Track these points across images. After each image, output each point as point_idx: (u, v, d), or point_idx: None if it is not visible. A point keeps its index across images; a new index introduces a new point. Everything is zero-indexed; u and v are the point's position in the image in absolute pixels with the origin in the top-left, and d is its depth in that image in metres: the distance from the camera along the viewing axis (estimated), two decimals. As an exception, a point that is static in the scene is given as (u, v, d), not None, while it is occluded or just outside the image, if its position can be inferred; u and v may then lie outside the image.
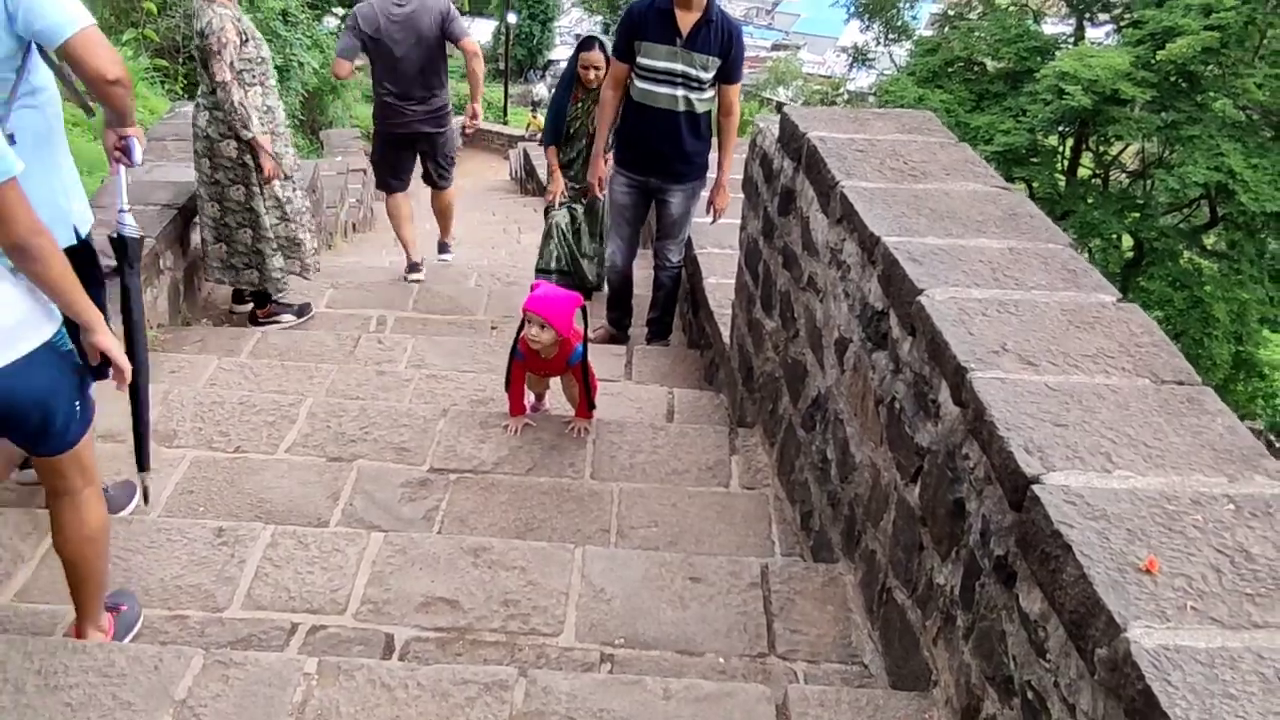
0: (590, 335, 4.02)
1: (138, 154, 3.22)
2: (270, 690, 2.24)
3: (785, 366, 3.71)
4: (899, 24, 26.13)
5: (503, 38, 34.36)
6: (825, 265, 3.22)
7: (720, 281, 5.07)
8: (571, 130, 5.70)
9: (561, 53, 38.56)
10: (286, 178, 5.11)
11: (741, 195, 4.44)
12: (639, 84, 4.80)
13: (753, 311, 4.15)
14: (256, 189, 4.99)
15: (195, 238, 5.45)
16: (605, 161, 5.19)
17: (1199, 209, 18.44)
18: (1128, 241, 18.66)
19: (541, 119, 12.41)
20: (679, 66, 4.68)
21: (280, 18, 12.76)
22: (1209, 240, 18.22)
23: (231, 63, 4.73)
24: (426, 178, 6.50)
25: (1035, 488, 1.84)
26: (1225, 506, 1.80)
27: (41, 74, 2.74)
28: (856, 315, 2.94)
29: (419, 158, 6.32)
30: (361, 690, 2.26)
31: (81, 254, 2.79)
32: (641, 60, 4.73)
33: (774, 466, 3.74)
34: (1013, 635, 1.93)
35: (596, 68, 5.46)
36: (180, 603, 2.72)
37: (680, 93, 4.75)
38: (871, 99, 24.79)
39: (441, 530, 3.26)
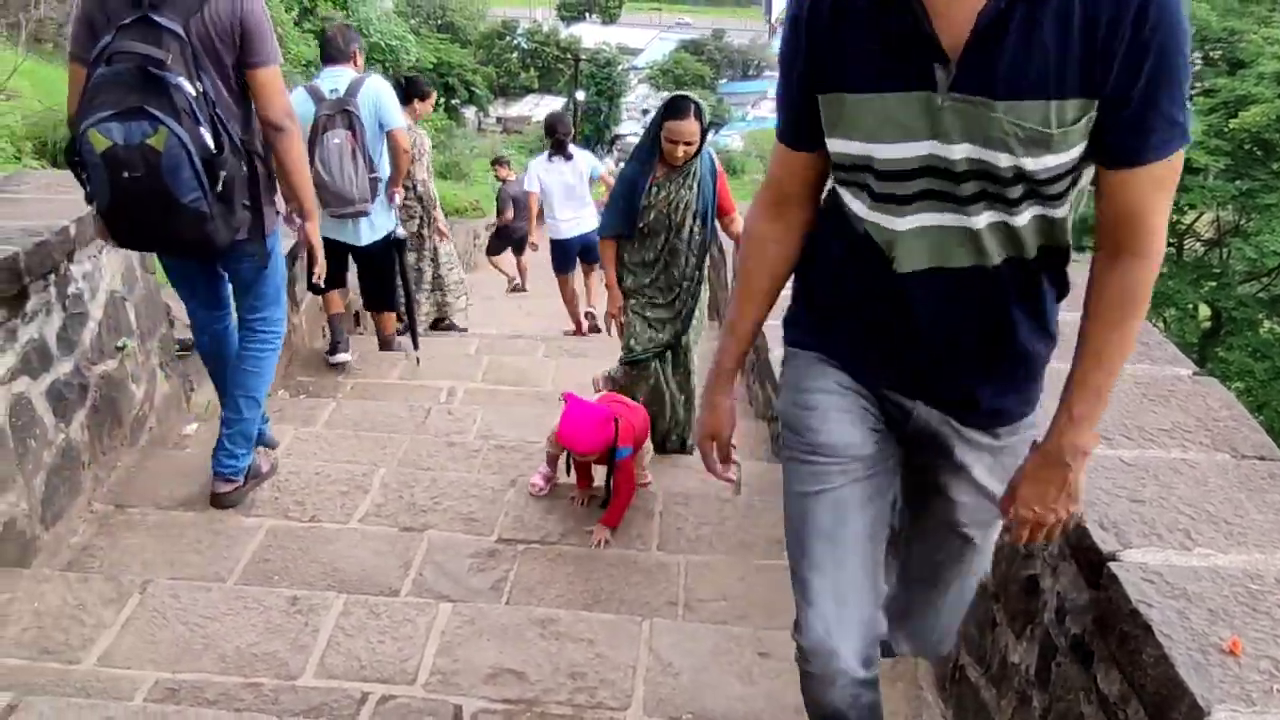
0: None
1: None
2: (341, 760, 2.27)
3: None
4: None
5: (569, 113, 35.18)
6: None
7: (787, 353, 5.07)
8: (647, 221, 4.28)
9: (629, 127, 39.27)
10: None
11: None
12: (850, 201, 1.73)
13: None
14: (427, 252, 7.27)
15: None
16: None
17: (1279, 278, 18.03)
18: (1205, 311, 18.29)
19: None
20: (955, 149, 1.54)
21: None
22: (1292, 310, 17.77)
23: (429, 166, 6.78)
24: None
25: (1112, 565, 1.81)
26: (1311, 586, 1.75)
27: None
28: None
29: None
30: (430, 762, 2.27)
31: None
32: (841, 145, 1.66)
33: (843, 540, 3.70)
34: (1091, 718, 1.88)
35: (688, 143, 4.11)
36: (255, 670, 2.77)
37: (976, 219, 1.60)
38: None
39: (509, 600, 3.28)
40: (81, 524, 3.56)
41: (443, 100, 25.70)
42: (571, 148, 7.87)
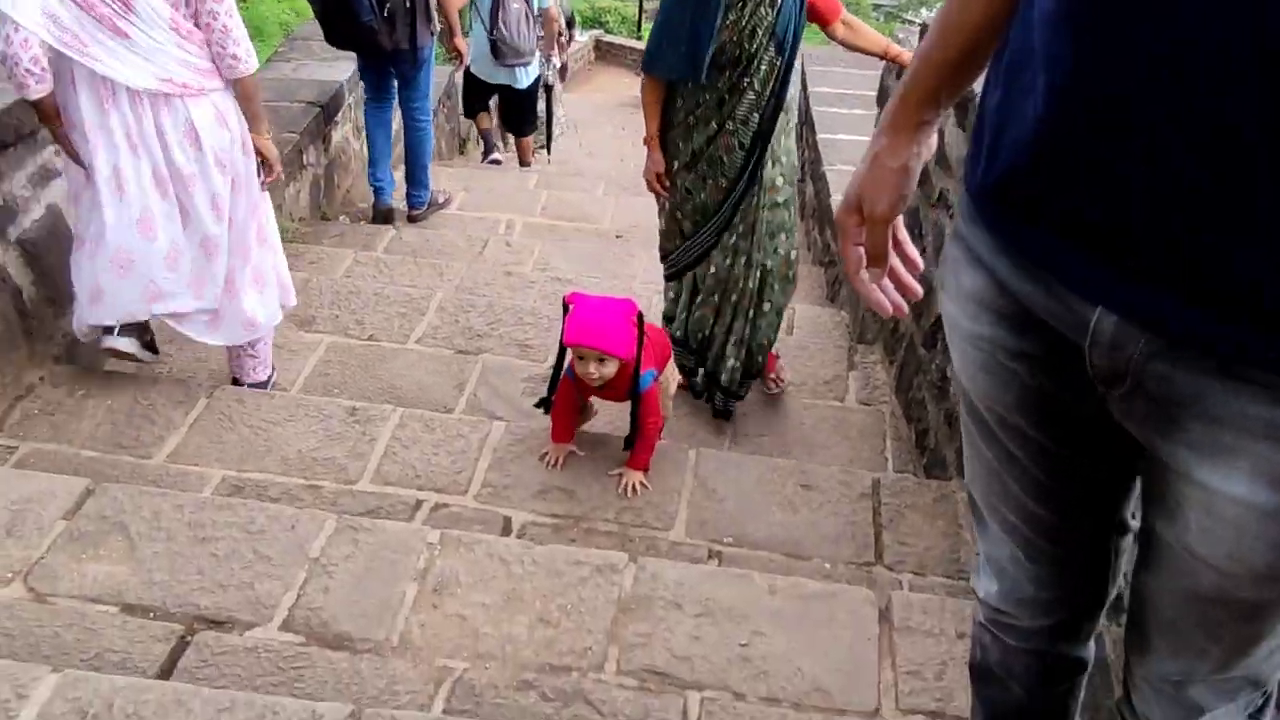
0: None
1: None
2: (396, 555, 2.38)
3: (911, 284, 3.64)
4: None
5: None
6: (958, 182, 3.14)
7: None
8: (731, 56, 2.99)
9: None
10: None
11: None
12: None
13: (881, 228, 4.09)
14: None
15: (336, 135, 5.62)
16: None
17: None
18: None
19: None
20: None
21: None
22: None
23: None
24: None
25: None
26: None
27: None
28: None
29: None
30: (480, 562, 2.38)
31: None
32: None
33: (892, 383, 3.72)
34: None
35: None
36: (315, 473, 2.88)
37: None
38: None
39: (561, 425, 3.35)
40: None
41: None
42: None
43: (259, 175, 3.01)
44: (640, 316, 2.76)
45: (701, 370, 3.46)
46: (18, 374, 3.09)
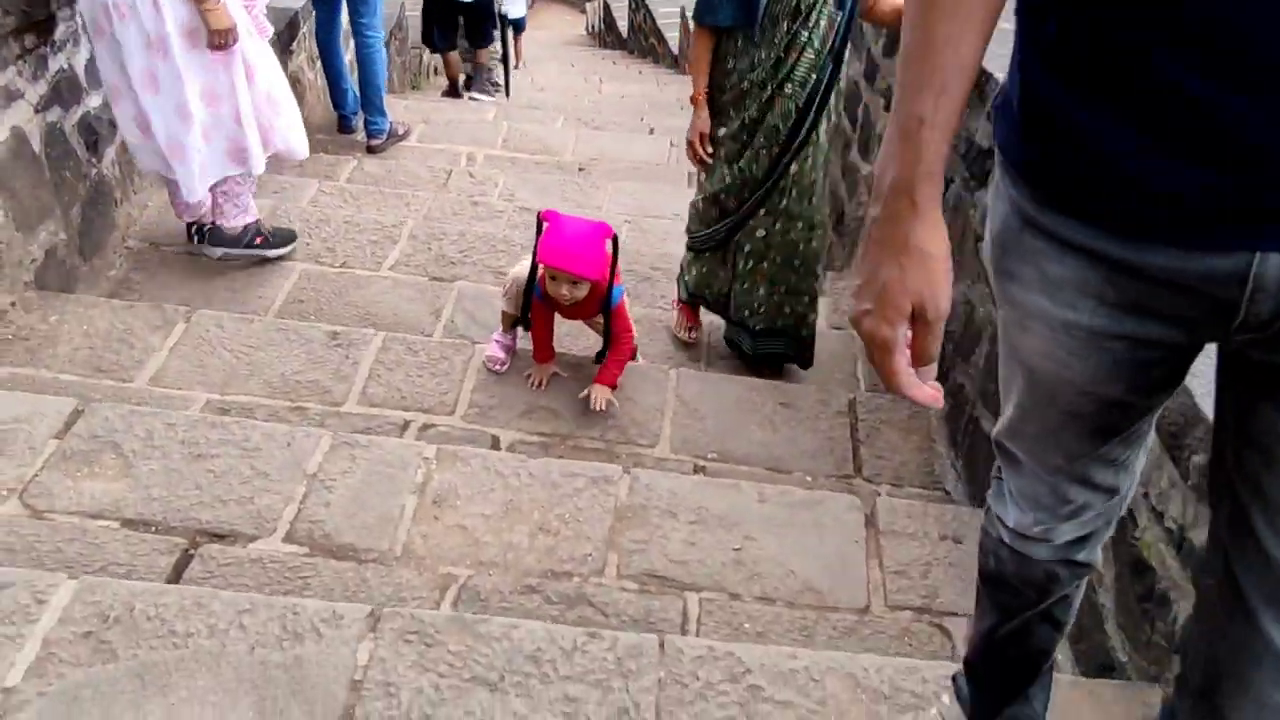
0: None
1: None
2: (393, 470, 2.42)
3: (880, 210, 3.72)
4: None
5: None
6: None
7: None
8: (789, 6, 2.87)
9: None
10: None
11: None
12: None
13: (848, 156, 4.15)
14: None
15: (292, 64, 5.52)
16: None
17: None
18: None
19: None
20: None
21: None
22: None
23: None
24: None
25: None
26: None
27: None
28: (961, 154, 2.95)
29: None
30: (477, 475, 2.43)
31: None
32: None
33: (861, 309, 3.80)
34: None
35: None
36: (300, 395, 2.89)
37: None
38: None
39: (539, 349, 3.39)
40: (118, 259, 3.63)
41: None
42: None
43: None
44: (615, 239, 2.77)
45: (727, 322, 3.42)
46: (-13, 299, 3.04)
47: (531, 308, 2.93)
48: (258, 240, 3.62)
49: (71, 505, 2.26)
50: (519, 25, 10.71)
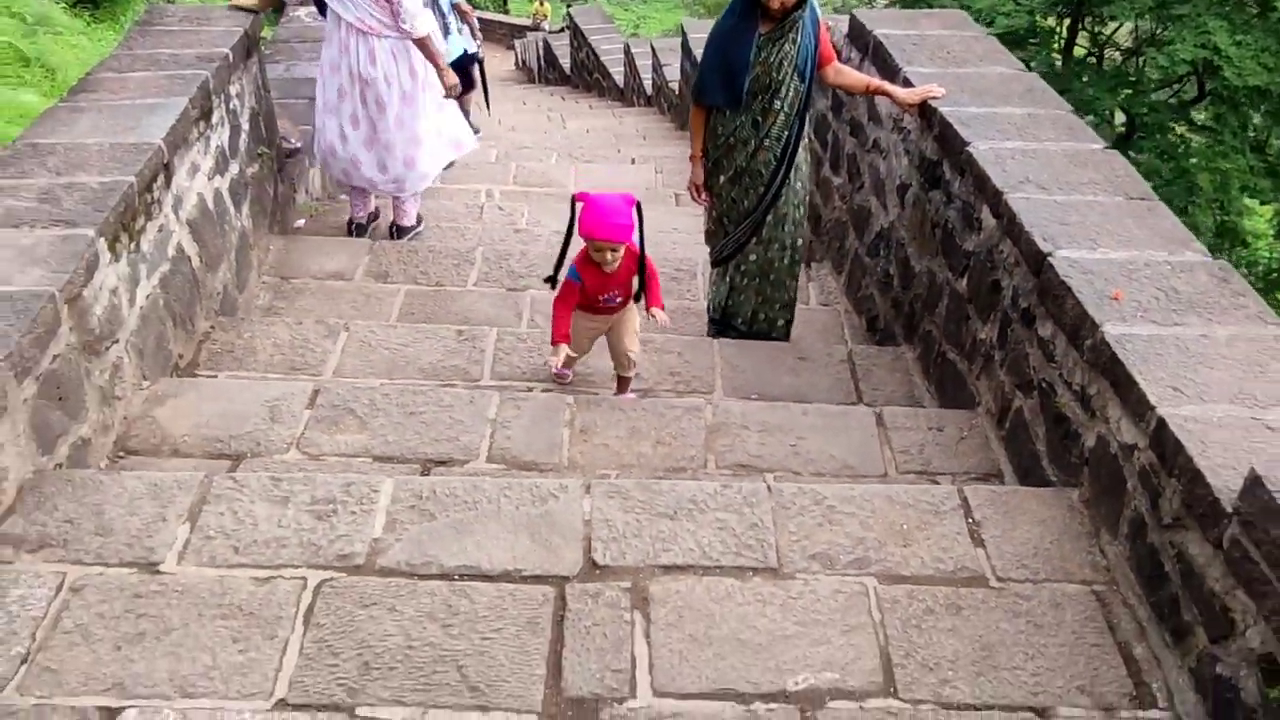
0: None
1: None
2: (549, 412, 3.45)
3: (851, 212, 4.85)
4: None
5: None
6: (888, 131, 4.33)
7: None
8: (762, 85, 3.89)
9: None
10: None
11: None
12: None
13: (821, 171, 5.27)
14: None
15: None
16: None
17: (1189, 85, 19.31)
18: (1120, 117, 19.58)
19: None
20: None
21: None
22: (1198, 115, 19.14)
23: None
24: None
25: (1049, 259, 3.01)
26: (1164, 266, 2.97)
27: None
28: (915, 166, 4.07)
29: None
30: (606, 413, 3.47)
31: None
32: None
33: (842, 288, 4.92)
34: (1032, 353, 3.12)
35: None
36: (448, 376, 3.90)
37: None
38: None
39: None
40: (260, 291, 4.61)
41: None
42: None
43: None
44: (639, 205, 3.40)
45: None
46: (196, 325, 4.00)
47: (562, 287, 3.55)
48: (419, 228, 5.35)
49: (333, 450, 3.24)
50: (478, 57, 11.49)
